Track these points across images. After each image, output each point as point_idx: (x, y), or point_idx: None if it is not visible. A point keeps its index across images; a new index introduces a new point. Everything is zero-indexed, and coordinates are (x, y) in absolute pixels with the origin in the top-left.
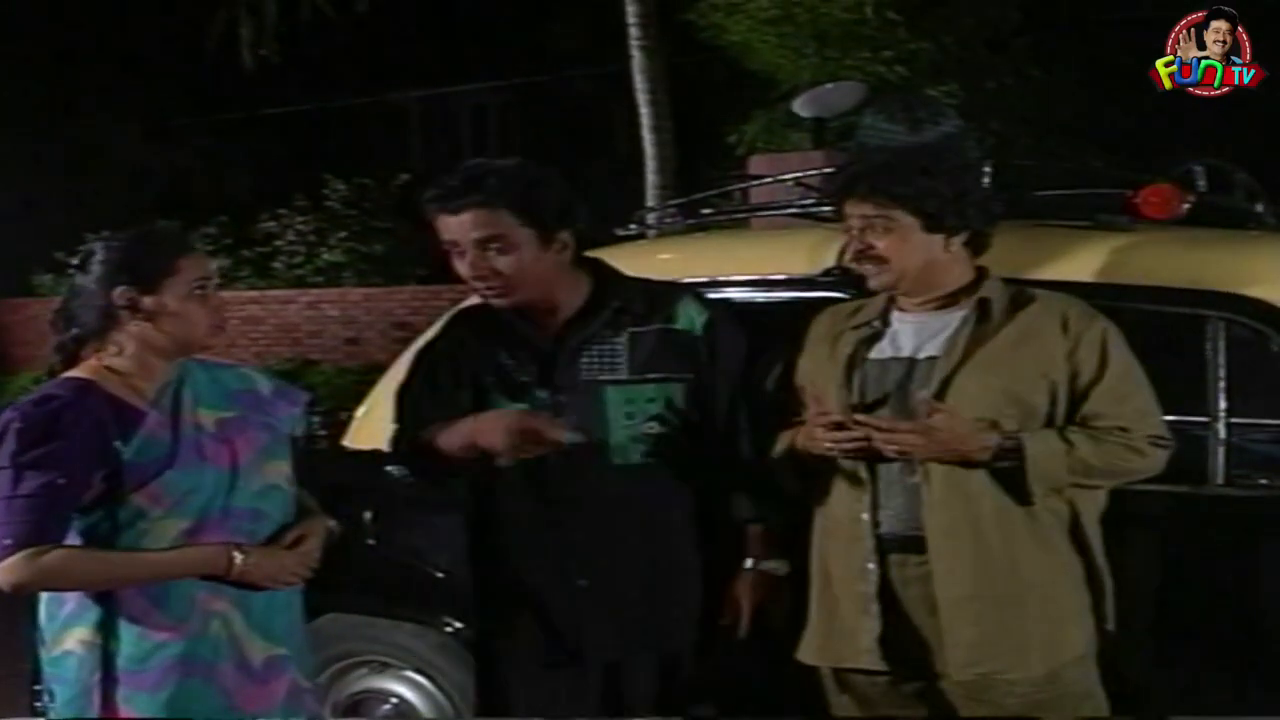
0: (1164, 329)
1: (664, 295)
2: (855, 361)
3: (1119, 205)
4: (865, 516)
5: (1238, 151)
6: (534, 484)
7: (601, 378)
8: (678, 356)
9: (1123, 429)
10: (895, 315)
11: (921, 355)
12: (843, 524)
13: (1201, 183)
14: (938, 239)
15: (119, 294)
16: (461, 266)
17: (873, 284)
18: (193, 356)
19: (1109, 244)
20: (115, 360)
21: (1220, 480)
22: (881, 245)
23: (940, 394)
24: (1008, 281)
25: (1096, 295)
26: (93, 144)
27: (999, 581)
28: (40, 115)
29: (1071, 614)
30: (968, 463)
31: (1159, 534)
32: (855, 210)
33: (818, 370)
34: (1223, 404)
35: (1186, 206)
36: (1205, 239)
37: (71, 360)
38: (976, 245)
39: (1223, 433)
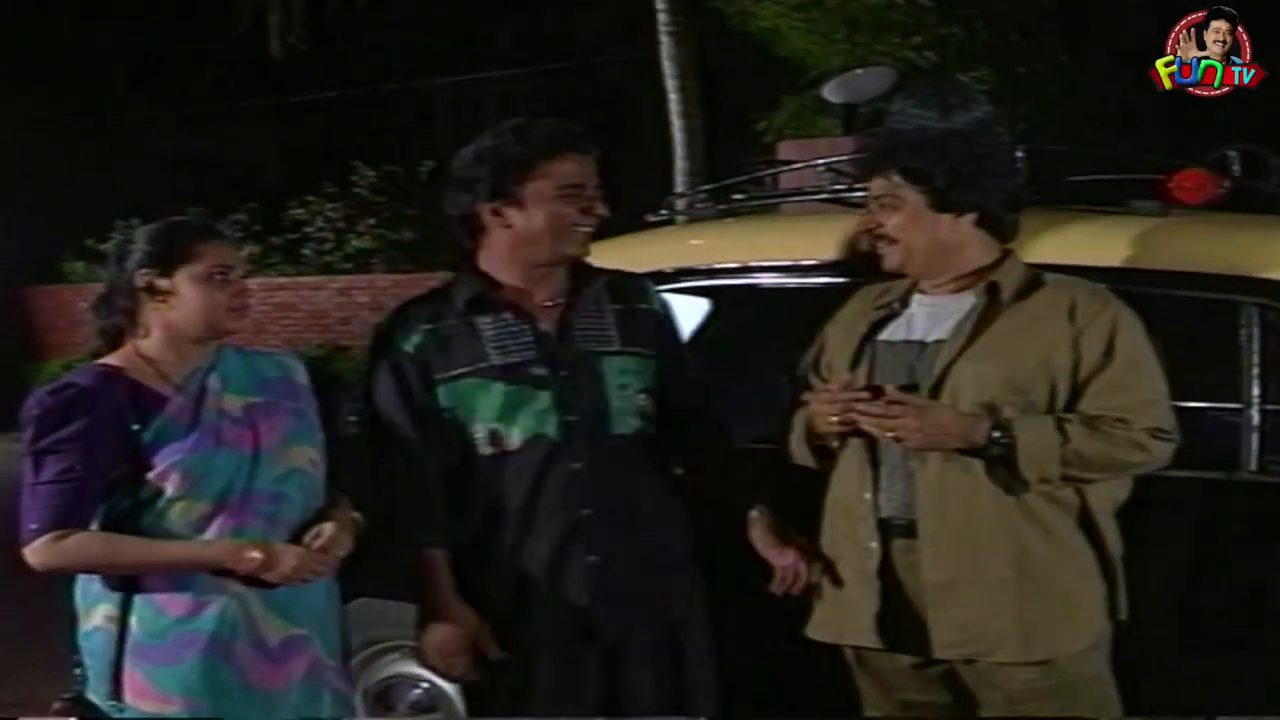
0: (1197, 315)
1: (629, 277)
2: (867, 342)
3: (1152, 190)
4: (868, 497)
5: (1270, 137)
6: (541, 460)
7: (595, 349)
8: (652, 334)
9: (1123, 420)
10: (915, 298)
11: (930, 339)
12: (848, 504)
13: (1236, 168)
14: (945, 219)
15: (139, 276)
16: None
17: (885, 264)
18: (229, 342)
19: (1142, 229)
20: (145, 345)
21: (1254, 467)
22: (890, 223)
23: (941, 379)
24: (1033, 267)
25: (1129, 281)
26: (123, 132)
27: (991, 567)
28: (71, 103)
29: (1078, 603)
30: (962, 450)
31: (1192, 521)
32: (873, 187)
33: (834, 349)
34: (1256, 390)
35: (1221, 191)
36: (1239, 224)
37: (113, 345)
38: (995, 228)
39: (1256, 419)
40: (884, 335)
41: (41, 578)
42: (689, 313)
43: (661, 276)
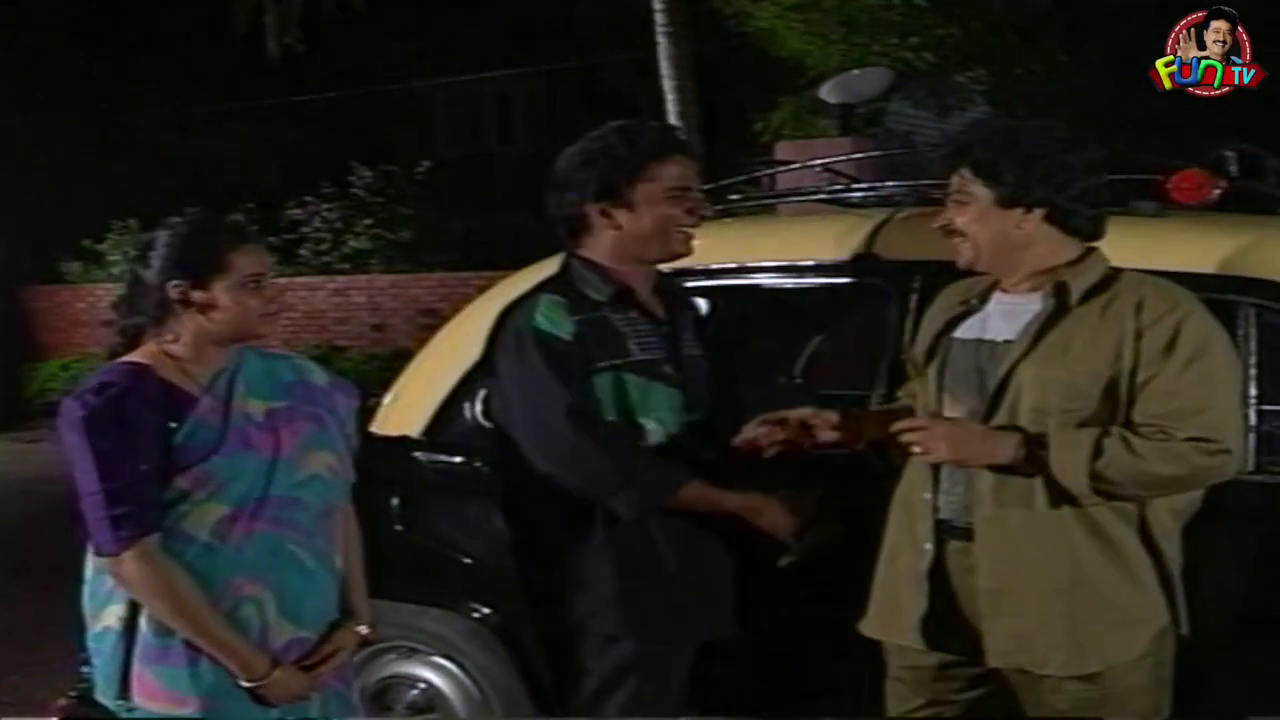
0: None
1: (672, 279)
2: (940, 339)
3: (1149, 191)
4: (927, 497)
5: (1264, 138)
6: (678, 456)
7: (693, 353)
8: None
9: (1162, 429)
10: (994, 296)
11: (1001, 339)
12: (910, 503)
13: (1233, 168)
14: (1013, 214)
15: (172, 288)
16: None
17: (957, 261)
18: (249, 345)
19: (1139, 230)
20: (172, 346)
21: (1251, 468)
22: (960, 219)
23: (1005, 381)
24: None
25: None
26: (121, 132)
27: (1046, 576)
28: (68, 103)
29: (1130, 614)
30: (996, 467)
31: (1188, 522)
32: (950, 185)
33: (917, 344)
34: (1253, 391)
35: (1218, 192)
36: (1236, 224)
37: (133, 345)
38: (1068, 225)
39: (1254, 420)
40: (959, 332)
41: (37, 577)
42: None
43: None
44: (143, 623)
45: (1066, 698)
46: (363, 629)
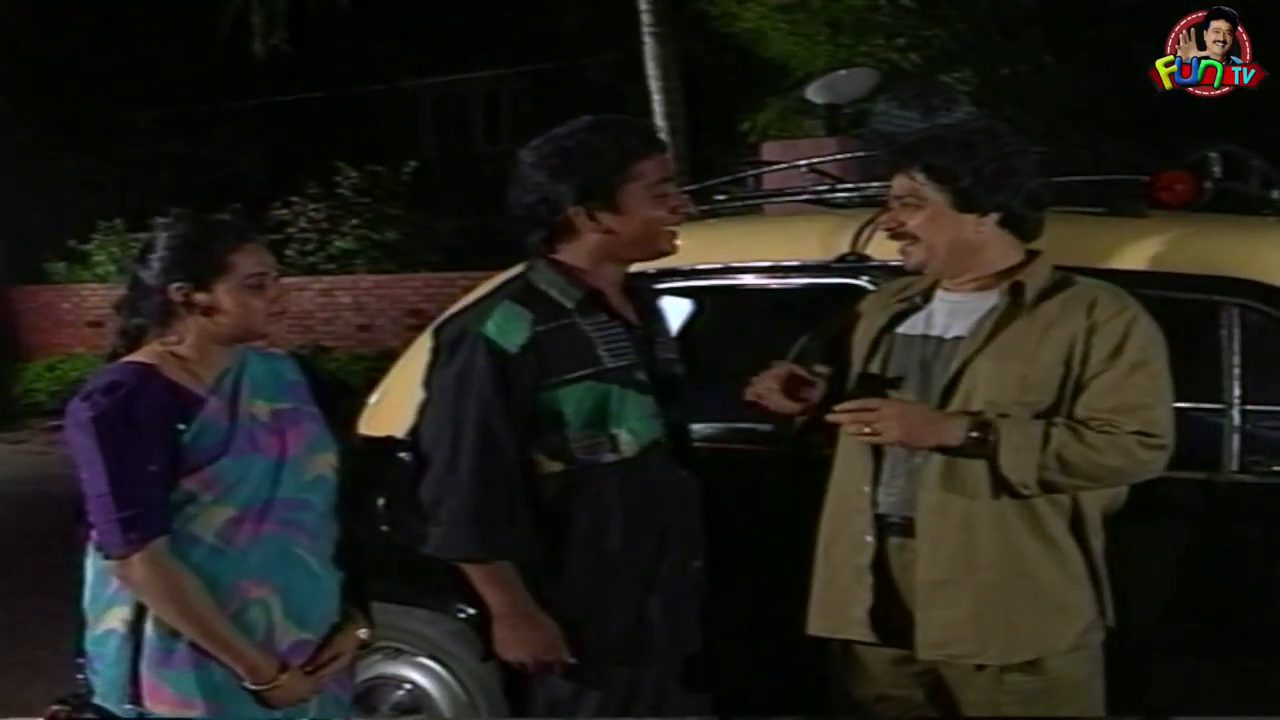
0: (1178, 316)
1: (640, 277)
2: (884, 334)
3: (1134, 192)
4: (866, 489)
5: (1250, 140)
6: (656, 466)
7: (668, 356)
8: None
9: (1109, 422)
10: (938, 294)
11: (949, 335)
12: (847, 496)
13: (1217, 169)
14: (968, 218)
15: (174, 290)
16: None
17: (907, 264)
18: (252, 345)
19: (1123, 231)
20: (177, 347)
21: (1235, 467)
22: (912, 223)
23: (958, 376)
24: (1060, 269)
25: (1111, 282)
26: (106, 132)
27: (985, 568)
28: (53, 103)
29: (1065, 606)
30: (943, 450)
31: (1173, 521)
32: (895, 186)
33: (853, 341)
34: (1237, 390)
35: (1202, 193)
36: (1220, 225)
37: (134, 346)
38: (1020, 228)
39: (1237, 419)
40: (902, 328)
41: (21, 577)
42: (672, 313)
43: (644, 277)
44: (148, 626)
45: (1006, 690)
46: (364, 632)
